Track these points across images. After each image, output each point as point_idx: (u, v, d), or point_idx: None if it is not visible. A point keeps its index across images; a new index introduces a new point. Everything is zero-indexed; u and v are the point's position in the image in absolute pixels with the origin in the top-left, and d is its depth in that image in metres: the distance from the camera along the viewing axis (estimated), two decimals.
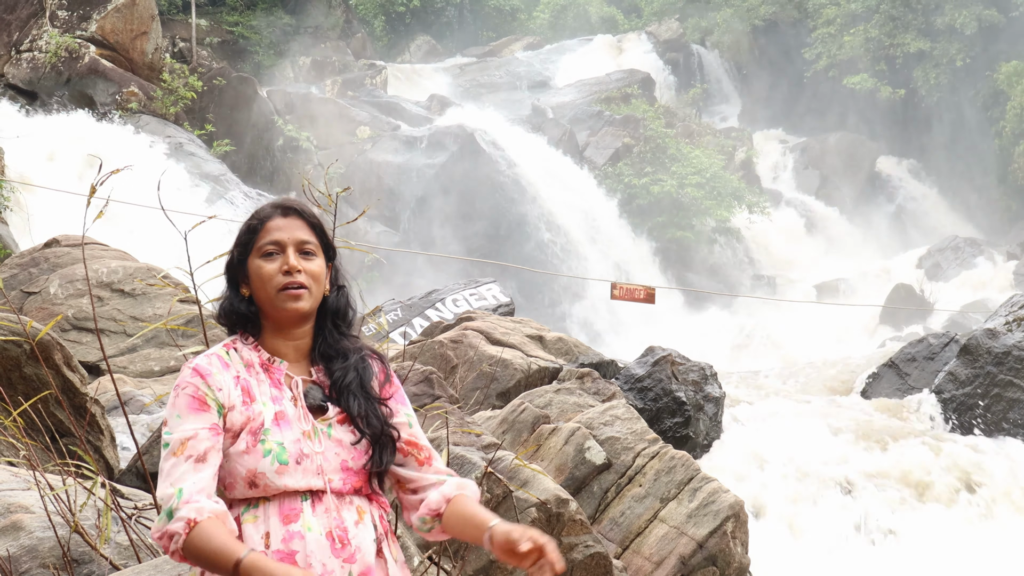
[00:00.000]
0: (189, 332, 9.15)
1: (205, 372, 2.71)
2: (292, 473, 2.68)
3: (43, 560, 4.03)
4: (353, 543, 2.70)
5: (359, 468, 2.76)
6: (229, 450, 2.70)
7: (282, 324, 2.82)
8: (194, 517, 2.57)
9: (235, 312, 2.84)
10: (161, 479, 2.65)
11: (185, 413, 2.67)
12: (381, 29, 39.99)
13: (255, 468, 2.67)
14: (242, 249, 2.85)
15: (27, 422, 4.84)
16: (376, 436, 2.78)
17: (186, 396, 2.68)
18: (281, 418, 2.73)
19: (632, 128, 30.18)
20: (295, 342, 2.84)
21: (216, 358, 2.76)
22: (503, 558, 2.62)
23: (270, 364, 2.80)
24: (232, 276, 2.87)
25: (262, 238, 2.82)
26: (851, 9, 36.65)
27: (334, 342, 2.86)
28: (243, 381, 2.75)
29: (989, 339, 11.21)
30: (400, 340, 13.07)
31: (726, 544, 6.43)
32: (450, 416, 6.09)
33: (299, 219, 2.86)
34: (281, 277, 2.78)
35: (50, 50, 22.68)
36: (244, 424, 2.70)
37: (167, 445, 2.65)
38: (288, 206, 2.88)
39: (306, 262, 2.81)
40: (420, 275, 22.34)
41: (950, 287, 26.22)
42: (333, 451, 2.74)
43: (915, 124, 36.68)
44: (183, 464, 2.62)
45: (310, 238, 2.84)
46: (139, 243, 14.21)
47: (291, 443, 2.70)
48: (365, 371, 2.84)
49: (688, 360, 10.23)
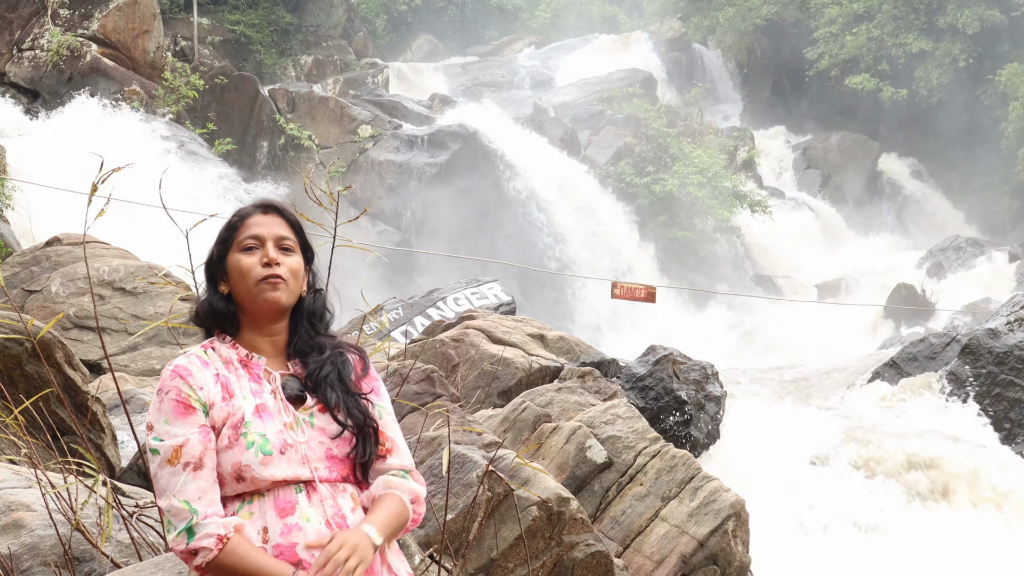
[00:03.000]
0: (190, 330, 9.15)
1: (185, 372, 2.73)
2: (277, 463, 2.69)
3: (44, 558, 4.03)
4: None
5: (343, 457, 2.79)
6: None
7: (260, 319, 2.85)
8: (224, 533, 2.60)
9: (213, 311, 2.87)
10: (160, 489, 2.66)
11: (172, 418, 2.68)
12: (383, 28, 39.99)
13: (239, 461, 2.68)
14: (222, 246, 2.89)
15: (28, 420, 4.84)
16: (358, 426, 2.81)
17: (170, 401, 2.70)
18: (262, 410, 2.75)
19: (634, 127, 30.16)
20: (272, 338, 2.87)
21: (195, 357, 2.79)
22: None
23: (248, 360, 2.83)
24: (211, 274, 2.91)
25: (242, 233, 2.87)
26: (853, 9, 36.62)
27: (310, 338, 2.90)
28: (222, 378, 2.77)
29: (990, 339, 11.21)
30: (401, 339, 13.07)
31: (727, 543, 6.42)
32: (451, 415, 6.09)
33: (279, 217, 2.92)
34: (260, 269, 2.81)
35: (52, 49, 22.67)
36: (225, 419, 2.72)
37: (157, 452, 2.67)
38: (268, 204, 2.94)
39: (285, 257, 2.85)
40: (421, 274, 22.34)
41: (952, 287, 26.18)
42: (317, 440, 2.77)
43: (917, 124, 36.65)
44: (182, 474, 2.64)
45: (289, 235, 2.90)
46: (140, 240, 14.21)
47: (274, 434, 2.72)
48: (343, 365, 2.88)
49: (689, 359, 10.23)
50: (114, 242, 12.37)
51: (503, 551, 5.45)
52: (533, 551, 5.48)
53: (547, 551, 5.56)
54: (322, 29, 33.89)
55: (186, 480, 2.63)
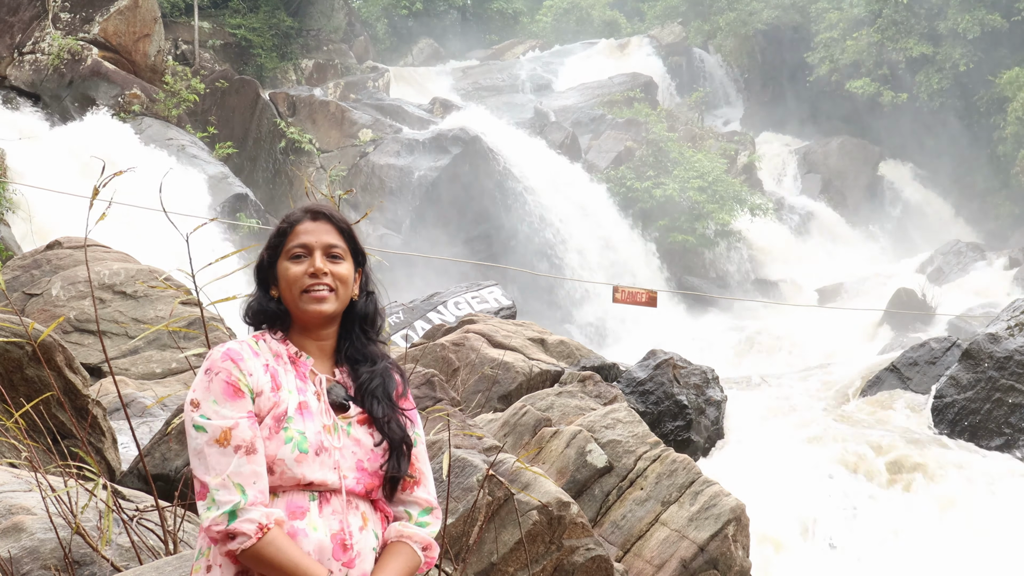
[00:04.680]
0: (191, 334, 9.16)
1: (237, 356, 2.72)
2: (310, 463, 2.69)
3: (44, 561, 4.03)
4: (355, 548, 2.72)
5: (374, 470, 2.79)
6: None
7: (307, 325, 2.85)
8: (266, 522, 2.60)
9: (264, 311, 2.86)
10: (208, 467, 2.63)
11: (221, 399, 2.67)
12: (384, 32, 40.02)
13: (275, 454, 2.68)
14: (272, 252, 2.89)
15: (29, 424, 4.84)
16: (396, 442, 2.82)
17: (220, 381, 2.68)
18: (304, 408, 2.75)
19: (634, 131, 30.18)
20: (320, 342, 2.87)
21: (247, 345, 2.79)
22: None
23: (297, 358, 2.83)
24: (263, 278, 2.90)
25: (291, 241, 2.86)
26: (853, 14, 36.65)
27: (361, 346, 2.90)
28: (271, 369, 2.77)
29: (991, 344, 11.20)
30: (402, 343, 13.08)
31: (727, 548, 6.42)
32: (452, 419, 6.09)
33: (328, 223, 2.89)
34: (306, 279, 2.81)
35: (53, 52, 22.69)
36: (270, 409, 2.71)
37: (203, 429, 2.64)
38: (318, 210, 2.92)
39: (333, 265, 2.84)
40: (422, 278, 22.34)
41: (952, 291, 26.18)
42: (350, 449, 2.77)
43: (917, 129, 36.66)
44: (234, 456, 2.62)
45: (338, 242, 2.88)
46: (141, 244, 14.21)
47: (313, 434, 2.72)
48: (389, 380, 2.88)
49: (690, 364, 10.23)
50: (115, 246, 12.38)
51: (503, 555, 5.45)
52: (533, 555, 5.48)
53: (547, 555, 5.56)
54: (323, 33, 33.92)
55: (240, 463, 2.61)
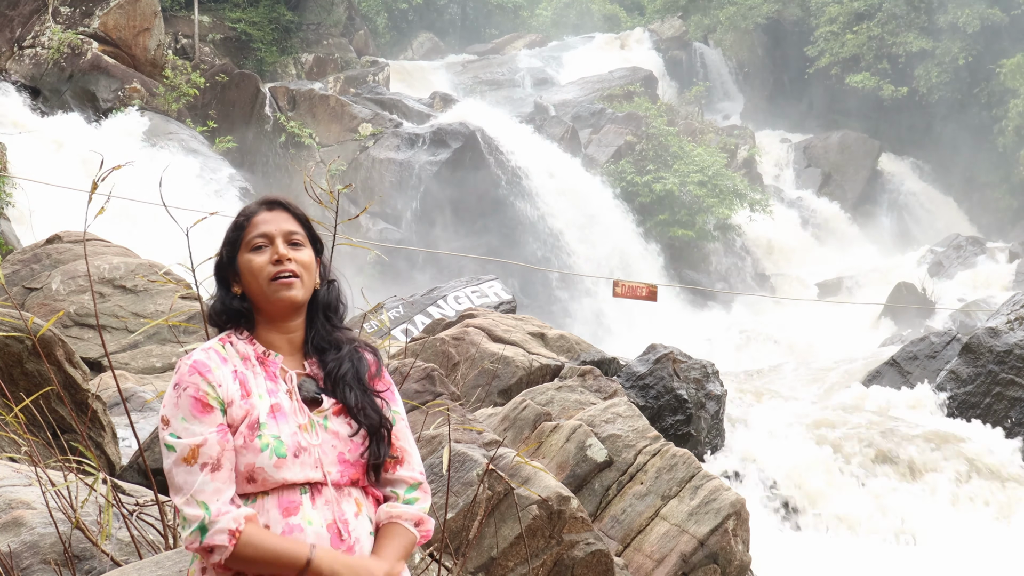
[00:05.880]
0: (191, 328, 9.16)
1: (204, 368, 2.70)
2: (290, 466, 2.68)
3: (44, 556, 4.03)
4: (353, 535, 2.72)
5: (356, 460, 2.77)
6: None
7: (275, 317, 2.83)
8: (235, 527, 2.59)
9: (228, 310, 2.84)
10: (176, 487, 2.64)
11: (190, 416, 2.65)
12: (384, 26, 39.97)
13: (253, 463, 2.66)
14: (231, 247, 2.86)
15: (28, 418, 4.84)
16: (374, 428, 2.79)
17: (188, 397, 2.66)
18: (277, 411, 2.72)
19: (634, 126, 30.15)
20: (288, 335, 2.85)
21: (214, 352, 2.75)
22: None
23: (265, 357, 2.80)
24: (223, 276, 2.88)
25: (249, 232, 2.84)
26: (853, 7, 36.62)
27: (326, 334, 2.87)
28: (240, 375, 2.74)
29: (991, 338, 11.20)
30: (402, 337, 13.08)
31: (727, 542, 6.42)
32: (452, 413, 6.09)
33: (285, 212, 2.88)
34: (271, 267, 2.79)
35: (52, 46, 22.66)
36: (243, 418, 2.69)
37: (173, 448, 2.64)
38: (273, 200, 2.91)
39: (295, 252, 2.82)
40: (422, 272, 22.35)
41: (952, 285, 26.20)
42: (330, 443, 2.75)
43: (917, 122, 36.65)
44: (199, 474, 2.61)
45: (297, 229, 2.86)
46: (141, 239, 14.21)
47: (288, 436, 2.69)
48: (359, 362, 2.85)
49: (690, 358, 10.22)
50: (114, 240, 12.37)
51: (503, 550, 5.45)
52: (533, 550, 5.48)
53: (547, 550, 5.56)
54: (323, 27, 33.88)
55: (204, 481, 2.60)
